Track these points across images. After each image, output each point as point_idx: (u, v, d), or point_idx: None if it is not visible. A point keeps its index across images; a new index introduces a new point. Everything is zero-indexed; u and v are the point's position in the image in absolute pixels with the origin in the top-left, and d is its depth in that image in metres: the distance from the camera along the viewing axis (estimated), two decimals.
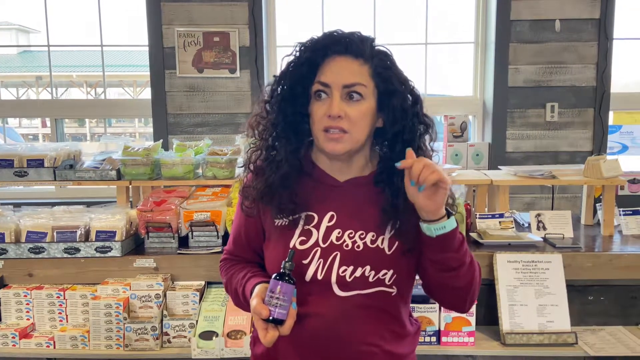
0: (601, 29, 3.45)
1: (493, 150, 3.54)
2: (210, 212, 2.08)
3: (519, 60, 3.51)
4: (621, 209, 2.33)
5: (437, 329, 1.89)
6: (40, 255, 2.01)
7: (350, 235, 1.15)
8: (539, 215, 2.27)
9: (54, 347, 1.89)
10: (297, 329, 1.10)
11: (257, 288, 1.11)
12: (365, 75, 1.11)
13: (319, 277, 1.13)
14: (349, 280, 1.13)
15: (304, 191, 1.17)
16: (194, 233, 2.09)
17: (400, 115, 1.13)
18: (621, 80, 3.84)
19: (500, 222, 2.21)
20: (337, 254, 1.14)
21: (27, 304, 1.96)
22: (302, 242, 1.15)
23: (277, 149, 1.16)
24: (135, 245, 2.15)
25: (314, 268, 1.13)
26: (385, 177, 1.16)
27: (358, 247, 1.14)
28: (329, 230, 1.16)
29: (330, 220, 1.16)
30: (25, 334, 1.92)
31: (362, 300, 1.13)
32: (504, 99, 3.54)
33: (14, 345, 1.88)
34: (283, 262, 1.08)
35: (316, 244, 1.15)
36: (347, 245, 1.14)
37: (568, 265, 1.97)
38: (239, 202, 1.26)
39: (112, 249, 2.01)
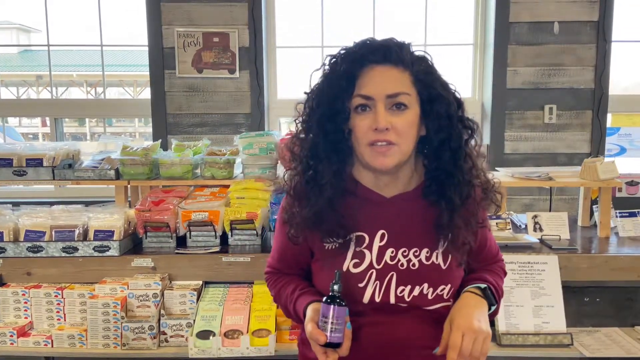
0: (600, 32, 3.46)
1: (491, 152, 3.54)
2: (209, 212, 2.08)
3: (517, 62, 3.52)
4: (617, 211, 2.33)
5: None
6: (38, 254, 2.02)
7: (404, 254, 1.12)
8: (535, 216, 2.28)
9: (52, 346, 1.89)
10: (357, 335, 1.10)
11: (310, 311, 1.09)
12: (407, 83, 1.07)
13: (377, 299, 1.11)
14: (407, 299, 1.12)
15: (350, 211, 1.13)
16: (192, 233, 2.10)
17: (446, 123, 1.08)
18: (619, 83, 3.84)
19: (497, 223, 2.22)
20: (393, 275, 1.11)
21: (25, 302, 1.97)
22: (355, 265, 1.12)
23: (320, 171, 1.10)
24: (133, 244, 2.16)
25: (370, 291, 1.11)
26: (436, 188, 1.12)
27: (413, 265, 1.12)
28: (381, 250, 1.12)
29: (381, 240, 1.13)
30: (23, 332, 1.92)
31: (421, 312, 1.13)
32: (502, 101, 3.54)
33: (12, 343, 1.89)
34: (331, 284, 1.06)
35: (370, 265, 1.12)
36: (402, 265, 1.12)
37: (564, 267, 1.97)
38: (279, 222, 1.22)
39: (110, 248, 2.01)
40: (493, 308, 1.17)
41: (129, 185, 2.36)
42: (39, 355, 1.91)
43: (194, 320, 1.88)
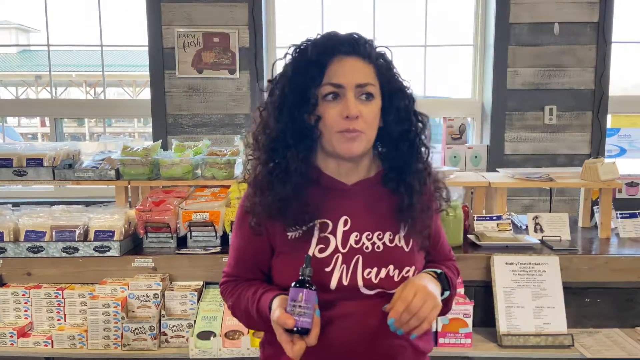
0: (600, 32, 3.45)
1: (491, 153, 3.54)
2: (209, 212, 2.08)
3: (517, 63, 3.52)
4: (618, 212, 2.34)
5: (434, 330, 1.90)
6: (38, 255, 2.02)
7: (368, 237, 1.14)
8: (536, 217, 2.28)
9: (52, 347, 1.89)
10: (326, 330, 1.08)
11: (277, 300, 1.07)
12: (372, 75, 1.11)
13: (345, 283, 1.11)
14: (375, 282, 1.12)
15: (314, 199, 1.14)
16: (193, 233, 2.09)
17: (405, 115, 1.14)
18: (619, 84, 3.85)
19: (497, 224, 2.22)
20: (359, 257, 1.12)
21: (26, 303, 1.97)
22: (321, 250, 1.12)
23: (287, 159, 1.11)
24: (134, 245, 2.15)
25: (337, 275, 1.11)
26: (394, 176, 1.16)
27: (378, 247, 1.14)
28: (346, 235, 1.14)
29: (345, 225, 1.14)
30: (23, 332, 1.92)
31: (389, 299, 1.11)
32: (502, 102, 3.54)
33: (12, 344, 1.89)
34: (301, 268, 1.04)
35: (336, 250, 1.12)
36: (367, 248, 1.13)
37: (565, 268, 1.98)
38: (238, 221, 1.21)
39: (110, 248, 2.01)
40: (446, 294, 1.16)
41: (129, 186, 2.35)
42: (39, 355, 1.91)
43: (195, 321, 1.88)
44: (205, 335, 1.84)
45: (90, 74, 10.13)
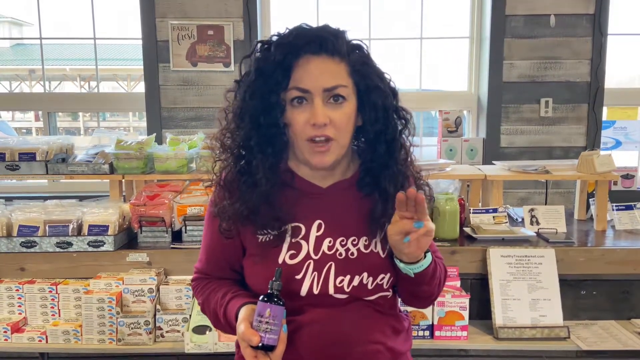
0: (596, 25, 3.44)
1: (487, 146, 3.54)
2: (204, 206, 2.07)
3: (513, 56, 3.51)
4: (614, 204, 2.34)
5: (431, 323, 1.90)
6: (32, 250, 2.00)
7: (342, 243, 1.09)
8: (532, 210, 2.28)
9: (47, 342, 1.88)
10: (296, 337, 1.06)
11: (243, 311, 1.03)
12: (344, 75, 1.04)
13: (315, 291, 1.07)
14: (347, 290, 1.08)
15: (286, 202, 1.09)
16: (188, 227, 2.08)
17: (382, 114, 1.07)
18: (615, 76, 3.84)
19: (494, 217, 2.22)
20: (331, 265, 1.08)
21: (19, 298, 1.96)
22: (292, 257, 1.08)
23: (254, 166, 1.06)
24: (128, 239, 2.14)
25: (308, 283, 1.07)
26: (370, 180, 1.10)
27: (352, 254, 1.09)
28: (319, 241, 1.09)
29: (318, 230, 1.09)
30: (17, 328, 1.91)
31: (362, 304, 1.10)
32: (498, 94, 3.53)
33: (5, 339, 1.88)
34: (270, 282, 1.00)
35: (307, 256, 1.08)
36: (340, 254, 1.09)
37: (561, 260, 1.98)
38: (207, 220, 1.18)
39: (104, 243, 2.00)
40: (428, 263, 1.07)
41: (123, 180, 2.34)
42: (34, 351, 1.90)
43: (190, 315, 1.87)
44: (200, 329, 1.83)
45: (84, 68, 10.07)
